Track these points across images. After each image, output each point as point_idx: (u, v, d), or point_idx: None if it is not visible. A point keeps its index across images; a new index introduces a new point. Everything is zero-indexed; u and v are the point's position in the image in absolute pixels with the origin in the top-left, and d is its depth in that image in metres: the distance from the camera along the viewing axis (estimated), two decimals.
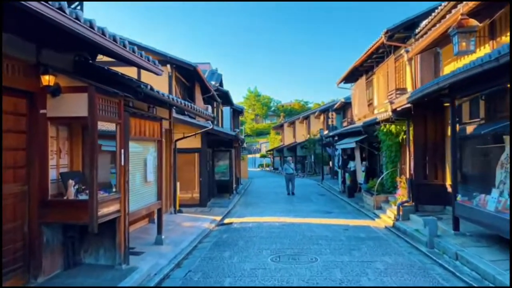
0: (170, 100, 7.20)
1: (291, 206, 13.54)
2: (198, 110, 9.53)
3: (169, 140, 10.71)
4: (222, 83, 25.03)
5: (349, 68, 18.82)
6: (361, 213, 11.82)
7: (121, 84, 5.77)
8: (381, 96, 16.57)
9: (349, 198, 15.40)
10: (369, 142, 14.54)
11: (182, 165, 13.63)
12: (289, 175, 17.82)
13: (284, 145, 45.35)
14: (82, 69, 5.68)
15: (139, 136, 6.60)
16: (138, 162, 6.74)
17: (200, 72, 14.06)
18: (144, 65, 5.73)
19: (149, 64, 5.79)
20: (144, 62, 5.62)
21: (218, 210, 12.54)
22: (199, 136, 13.35)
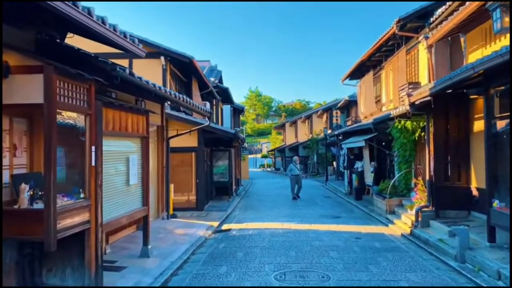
0: (156, 89, 6.17)
1: (295, 210, 12.51)
2: (193, 104, 8.53)
3: (161, 138, 9.70)
4: (221, 80, 24.03)
5: (355, 63, 17.81)
6: (372, 218, 10.78)
7: (94, 67, 4.76)
8: (390, 92, 15.55)
9: (356, 201, 14.36)
10: (378, 141, 13.51)
11: (177, 165, 12.64)
12: (295, 176, 15.86)
13: (286, 145, 44.35)
14: (46, 49, 4.67)
15: (118, 132, 5.58)
16: (118, 162, 5.73)
17: (197, 65, 13.05)
18: (119, 42, 4.72)
19: (125, 41, 4.76)
20: (119, 38, 4.60)
21: (216, 215, 11.52)
22: (195, 135, 12.35)
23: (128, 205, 5.97)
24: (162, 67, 12.47)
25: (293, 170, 16.01)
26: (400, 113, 9.10)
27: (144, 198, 6.60)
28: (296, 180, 15.74)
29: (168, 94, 6.91)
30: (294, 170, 15.96)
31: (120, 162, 5.80)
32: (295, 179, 15.77)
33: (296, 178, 15.80)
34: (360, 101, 20.45)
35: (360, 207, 12.98)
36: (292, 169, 16.08)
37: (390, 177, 13.34)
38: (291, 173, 16.07)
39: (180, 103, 7.90)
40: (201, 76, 14.67)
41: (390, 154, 13.25)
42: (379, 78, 17.53)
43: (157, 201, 9.65)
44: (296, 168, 16.00)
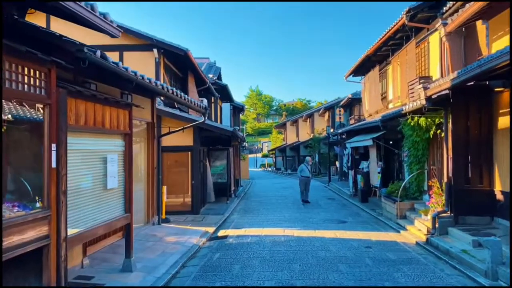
0: (138, 78, 5.32)
1: (297, 214, 11.67)
2: (185, 97, 7.69)
3: (151, 136, 8.87)
4: (220, 77, 23.21)
5: (360, 58, 16.95)
6: (381, 223, 9.95)
7: (60, 49, 3.92)
8: (397, 88, 14.70)
9: (362, 203, 13.53)
10: (385, 139, 12.67)
11: (172, 166, 11.83)
12: (305, 178, 14.22)
13: (287, 144, 43.55)
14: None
15: (92, 127, 4.76)
16: (92, 164, 4.90)
17: (192, 58, 12.21)
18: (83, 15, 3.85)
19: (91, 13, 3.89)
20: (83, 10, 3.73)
21: (212, 219, 10.69)
22: (191, 133, 11.53)
23: (106, 213, 5.14)
24: (155, 60, 11.65)
25: (304, 171, 14.34)
26: (414, 109, 8.25)
27: (127, 204, 5.78)
28: (305, 182, 14.22)
29: (153, 85, 6.06)
30: (305, 172, 14.32)
31: (95, 163, 4.97)
32: (304, 182, 14.24)
33: (306, 180, 14.26)
34: (364, 98, 19.61)
35: (366, 210, 12.15)
36: (303, 170, 14.39)
37: (399, 179, 12.49)
38: (301, 174, 14.32)
39: (169, 96, 7.06)
40: (197, 71, 13.84)
41: (399, 154, 12.40)
42: (385, 74, 16.69)
43: (147, 205, 8.82)
44: (307, 170, 14.37)
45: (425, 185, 9.90)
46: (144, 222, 8.82)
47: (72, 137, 4.30)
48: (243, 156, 29.40)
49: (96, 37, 7.41)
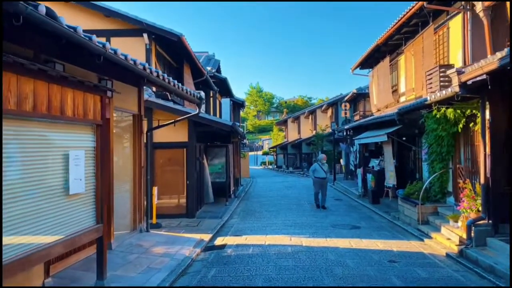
0: (107, 51, 4.14)
1: (304, 217, 10.52)
2: (176, 84, 6.54)
3: (138, 130, 7.71)
4: (219, 70, 22.04)
5: (369, 48, 15.78)
6: (399, 229, 8.81)
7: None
8: (411, 79, 13.53)
9: (373, 205, 12.39)
10: (398, 135, 11.50)
11: (165, 164, 10.70)
12: (320, 180, 12.05)
13: (288, 142, 42.46)
14: None
15: (45, 114, 3.61)
16: (46, 162, 3.76)
17: (187, 45, 11.03)
18: None
19: None
20: None
21: (209, 223, 9.56)
22: (185, 127, 10.39)
23: (67, 226, 4.00)
24: (146, 46, 10.48)
25: (318, 171, 12.15)
26: (443, 98, 7.08)
27: (98, 213, 4.64)
28: (321, 184, 12.12)
29: (132, 64, 4.90)
30: (319, 172, 12.12)
31: (51, 161, 3.82)
32: (319, 183, 12.11)
33: (322, 182, 12.09)
34: (372, 92, 18.43)
35: (379, 213, 11.01)
36: (316, 170, 12.20)
37: (415, 178, 11.35)
38: (314, 175, 12.17)
39: (153, 80, 5.90)
40: (193, 60, 12.66)
41: (416, 151, 11.26)
42: (396, 65, 15.52)
43: (134, 210, 7.68)
44: (323, 169, 12.15)
45: (449, 186, 8.75)
46: (130, 228, 7.68)
47: (12, 126, 3.16)
48: (244, 153, 28.26)
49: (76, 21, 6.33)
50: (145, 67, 5.74)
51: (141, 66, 5.16)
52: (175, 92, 6.60)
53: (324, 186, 12.16)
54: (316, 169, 12.28)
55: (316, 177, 12.10)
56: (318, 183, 12.14)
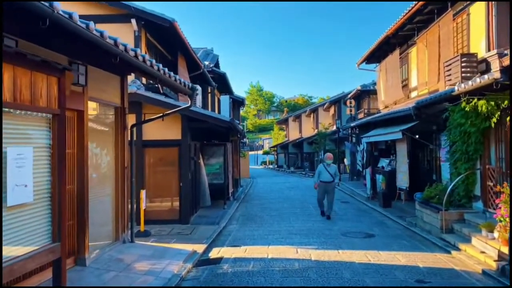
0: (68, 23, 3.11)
1: (309, 223, 9.49)
2: (163, 70, 5.50)
3: (121, 126, 6.68)
4: (218, 65, 21.00)
5: (377, 40, 14.77)
6: (418, 238, 7.78)
7: None
8: (424, 72, 12.49)
9: (384, 209, 11.36)
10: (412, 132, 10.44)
11: (156, 164, 9.69)
12: (326, 184, 10.09)
13: (289, 141, 41.48)
14: None
15: None
16: None
17: (180, 32, 9.99)
18: None
19: None
20: None
21: (204, 230, 8.54)
22: (179, 124, 9.39)
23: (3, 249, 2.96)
24: (134, 33, 9.46)
25: (323, 174, 10.12)
26: (476, 87, 6.04)
27: (55, 228, 3.60)
28: (326, 189, 10.11)
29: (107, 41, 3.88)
30: (324, 175, 10.09)
31: None
32: (324, 188, 10.12)
33: (326, 187, 10.08)
34: (380, 87, 17.39)
35: (392, 218, 9.98)
36: (321, 173, 10.17)
37: (431, 180, 10.33)
38: (320, 179, 10.15)
39: (135, 64, 4.86)
40: (188, 51, 11.63)
41: (434, 150, 10.23)
42: (407, 58, 14.48)
43: (116, 217, 6.65)
44: (328, 172, 10.11)
45: (476, 189, 7.72)
46: (112, 239, 6.65)
47: None
48: (244, 153, 27.23)
49: None
50: (126, 48, 4.71)
51: (112, 41, 4.11)
52: (160, 79, 5.56)
53: (329, 192, 10.11)
54: (321, 171, 10.21)
55: (322, 181, 10.10)
56: (322, 188, 10.14)
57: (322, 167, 10.33)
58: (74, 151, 5.45)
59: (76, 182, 5.49)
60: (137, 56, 5.02)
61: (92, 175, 5.91)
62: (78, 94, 5.43)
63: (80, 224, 5.51)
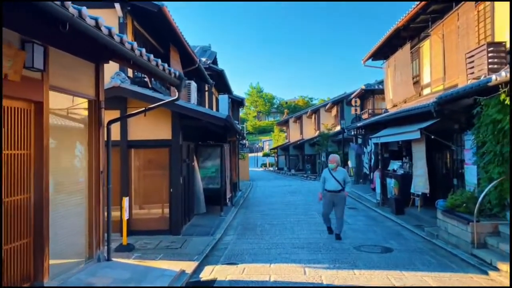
0: None
1: (316, 234, 8.42)
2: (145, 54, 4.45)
3: (95, 123, 5.62)
4: (216, 62, 19.97)
5: (386, 34, 13.77)
6: (443, 253, 6.72)
7: None
8: (438, 67, 11.48)
9: (397, 216, 10.31)
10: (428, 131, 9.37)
11: (143, 167, 8.65)
12: (333, 194, 7.87)
13: (290, 143, 40.50)
14: None
15: None
16: None
17: (170, 19, 8.93)
18: None
19: None
20: None
21: (196, 243, 7.48)
22: (169, 122, 8.36)
23: None
24: (119, 20, 8.41)
25: (328, 181, 7.94)
26: None
27: None
28: (333, 201, 7.87)
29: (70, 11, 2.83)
30: (330, 182, 7.89)
31: None
32: (330, 200, 7.90)
33: (333, 197, 7.85)
34: (387, 85, 16.36)
35: (408, 227, 8.92)
36: (326, 180, 8.00)
37: (451, 185, 9.28)
38: (326, 188, 7.97)
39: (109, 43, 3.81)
40: (180, 42, 10.58)
41: (456, 151, 9.16)
42: (418, 52, 13.46)
43: (89, 230, 5.58)
44: (334, 178, 7.84)
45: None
46: (84, 256, 5.57)
47: None
48: (243, 154, 26.17)
49: None
50: (98, 21, 3.68)
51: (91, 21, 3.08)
52: (138, 64, 4.50)
53: (338, 204, 7.82)
54: (326, 178, 8.01)
55: (327, 190, 7.90)
56: (327, 198, 7.92)
57: (327, 173, 8.03)
58: (29, 152, 4.39)
59: (33, 190, 4.43)
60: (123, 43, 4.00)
61: (57, 181, 4.86)
62: (35, 81, 4.38)
63: (38, 242, 4.44)
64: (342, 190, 7.87)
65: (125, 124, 8.25)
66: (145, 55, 4.46)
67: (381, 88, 23.05)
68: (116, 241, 7.29)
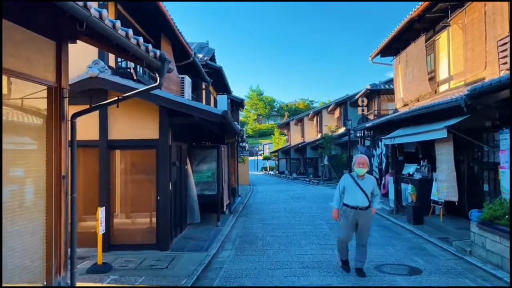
0: None
1: (327, 249, 7.24)
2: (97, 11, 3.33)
3: (56, 116, 4.46)
4: (214, 59, 18.87)
5: (399, 26, 12.66)
6: (480, 273, 5.57)
7: None
8: (458, 61, 10.35)
9: (415, 226, 9.17)
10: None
11: (126, 171, 7.49)
12: (357, 212, 5.52)
13: (291, 146, 39.36)
14: None
15: None
16: None
17: (160, 3, 7.80)
18: None
19: None
20: None
21: (187, 261, 6.32)
22: (156, 119, 7.21)
23: None
24: (98, 2, 7.26)
25: (350, 193, 5.62)
26: None
27: None
28: (357, 221, 5.59)
29: None
30: (353, 194, 5.59)
31: None
32: (354, 219, 5.59)
33: (358, 216, 5.55)
34: (397, 83, 15.24)
35: (431, 240, 7.77)
36: (347, 190, 5.65)
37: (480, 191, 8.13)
38: (345, 202, 5.63)
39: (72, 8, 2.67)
40: (173, 32, 9.45)
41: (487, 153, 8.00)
42: (434, 46, 12.35)
43: (46, 252, 4.41)
44: (360, 189, 5.55)
45: None
46: (42, 282, 4.41)
47: None
48: (243, 158, 25.01)
49: None
50: None
51: None
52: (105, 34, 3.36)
53: (363, 225, 5.60)
54: (346, 187, 5.65)
55: (348, 205, 5.57)
56: (348, 217, 5.57)
57: (349, 181, 5.64)
58: None
59: None
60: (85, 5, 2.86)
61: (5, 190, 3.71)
62: None
63: None
64: (369, 207, 5.58)
65: (104, 121, 7.12)
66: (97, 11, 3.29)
67: (387, 88, 21.94)
68: (92, 258, 6.16)
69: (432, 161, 9.73)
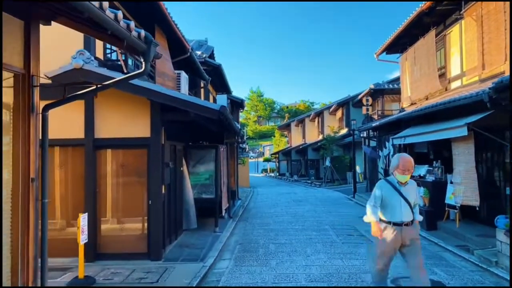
0: None
1: (335, 258, 6.57)
2: None
3: (24, 108, 3.80)
4: (213, 57, 18.23)
5: (407, 20, 12.05)
6: None
7: None
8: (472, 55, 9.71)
9: (429, 232, 8.52)
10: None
11: (114, 173, 6.83)
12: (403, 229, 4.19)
13: (292, 147, 38.73)
14: None
15: None
16: None
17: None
18: None
19: None
20: None
21: (180, 273, 5.66)
22: (147, 115, 6.61)
23: None
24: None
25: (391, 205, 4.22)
26: None
27: None
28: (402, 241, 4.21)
29: None
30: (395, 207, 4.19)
31: None
32: (398, 239, 4.19)
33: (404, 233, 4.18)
34: (404, 81, 14.61)
35: (450, 248, 7.11)
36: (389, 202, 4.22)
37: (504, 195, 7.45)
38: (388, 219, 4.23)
39: None
40: (168, 24, 8.80)
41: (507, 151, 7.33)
42: (444, 41, 11.72)
43: (12, 266, 3.74)
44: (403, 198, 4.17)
45: None
46: None
47: None
48: (243, 159, 24.35)
49: None
50: None
51: None
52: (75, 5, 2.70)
53: (411, 246, 4.23)
54: (387, 196, 4.25)
55: (386, 221, 4.25)
56: (391, 238, 4.21)
57: (389, 188, 4.28)
58: None
59: None
60: None
61: None
62: None
63: None
64: (414, 221, 4.28)
65: (91, 118, 6.47)
66: None
67: (391, 87, 21.30)
68: (76, 269, 5.50)
69: (446, 162, 9.08)
